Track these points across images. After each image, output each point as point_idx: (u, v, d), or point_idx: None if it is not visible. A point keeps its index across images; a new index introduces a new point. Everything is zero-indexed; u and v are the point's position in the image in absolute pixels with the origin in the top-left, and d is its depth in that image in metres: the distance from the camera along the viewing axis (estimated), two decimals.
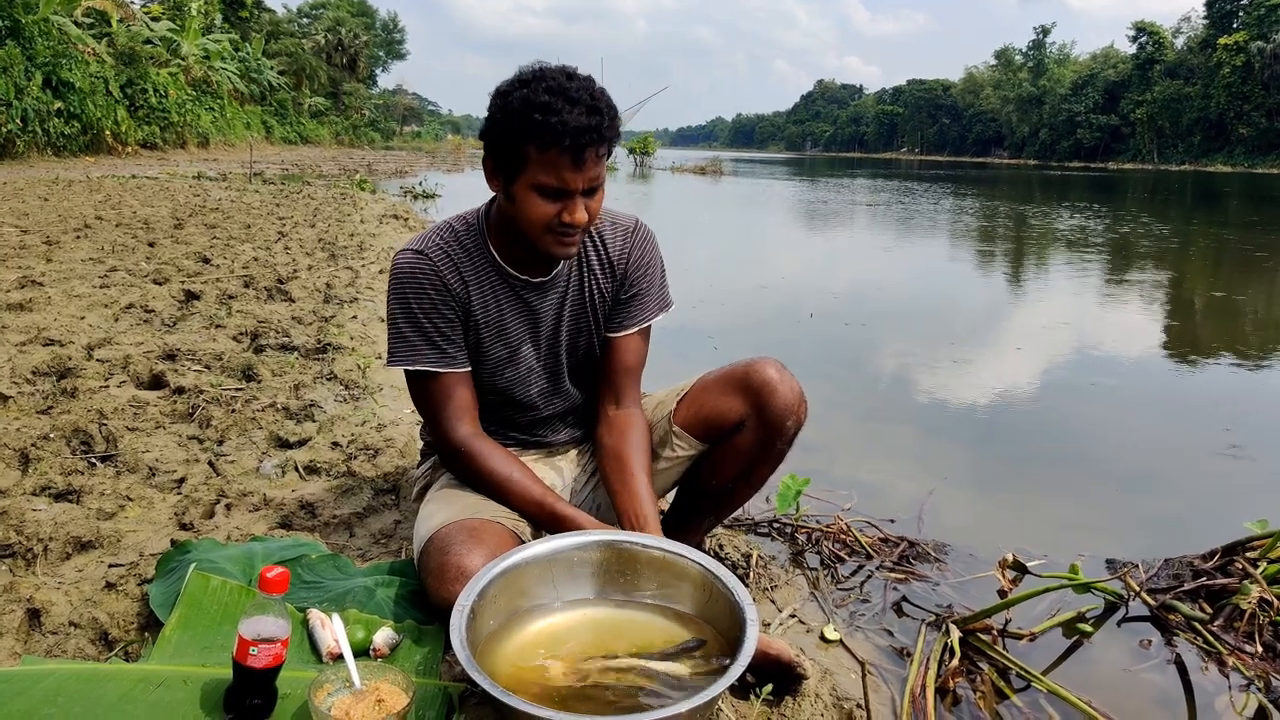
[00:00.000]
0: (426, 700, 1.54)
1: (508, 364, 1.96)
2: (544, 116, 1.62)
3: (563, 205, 1.71)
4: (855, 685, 1.92)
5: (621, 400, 2.00)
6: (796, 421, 1.94)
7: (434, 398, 1.88)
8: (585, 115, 1.64)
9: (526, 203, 1.72)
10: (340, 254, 7.49)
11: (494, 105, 1.71)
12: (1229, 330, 7.03)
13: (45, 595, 1.87)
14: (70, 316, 4.54)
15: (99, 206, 10.22)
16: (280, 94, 48.32)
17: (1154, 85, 78.98)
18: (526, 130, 1.64)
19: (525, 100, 1.64)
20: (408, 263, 1.87)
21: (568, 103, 1.63)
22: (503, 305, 1.91)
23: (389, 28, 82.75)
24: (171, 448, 2.87)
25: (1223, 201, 26.90)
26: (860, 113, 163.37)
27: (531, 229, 1.75)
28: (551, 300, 1.95)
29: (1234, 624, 2.22)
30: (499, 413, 2.04)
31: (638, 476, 1.88)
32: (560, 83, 1.66)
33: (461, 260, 1.88)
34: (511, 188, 1.74)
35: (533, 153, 1.66)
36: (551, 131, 1.62)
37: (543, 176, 1.68)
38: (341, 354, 4.14)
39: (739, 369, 1.95)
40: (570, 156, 1.65)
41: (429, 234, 1.91)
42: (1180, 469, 3.82)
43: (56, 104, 21.23)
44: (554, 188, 1.69)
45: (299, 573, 1.94)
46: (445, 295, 1.85)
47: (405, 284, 1.86)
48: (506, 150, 1.70)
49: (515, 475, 1.87)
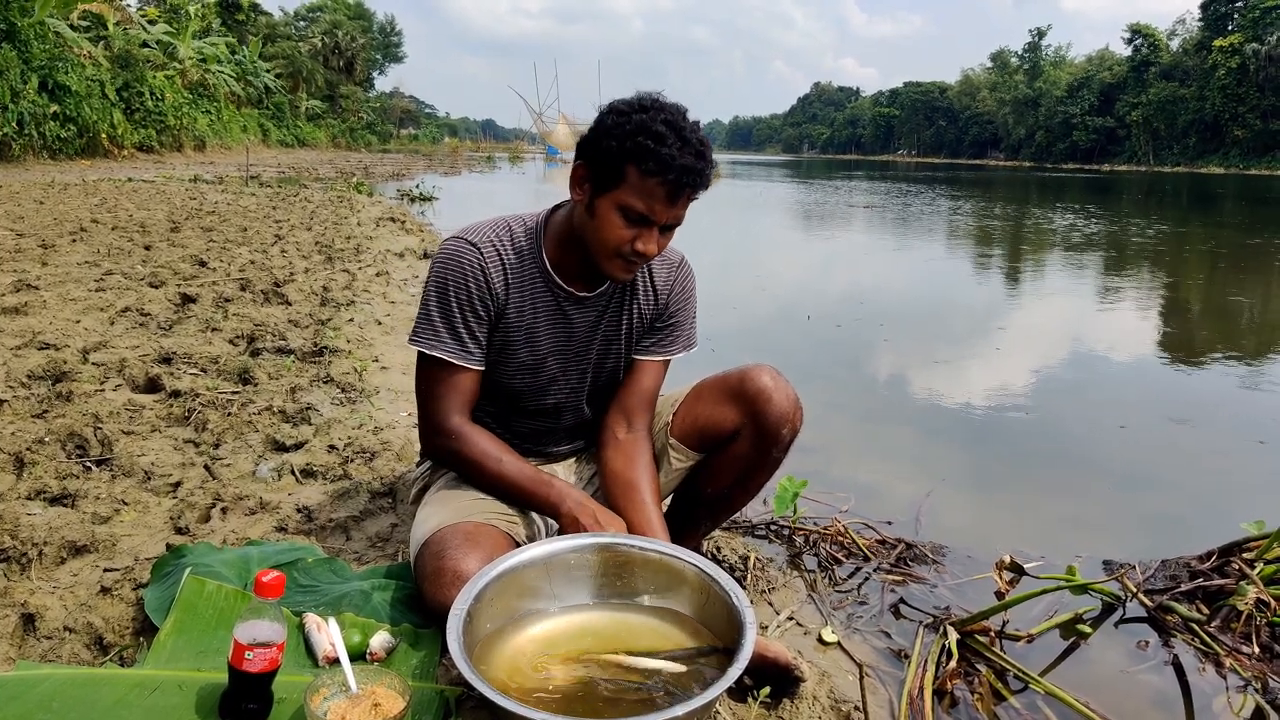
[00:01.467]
0: (423, 704, 1.54)
1: (531, 370, 1.95)
2: (656, 145, 1.66)
3: (639, 233, 1.73)
4: (853, 687, 1.92)
5: (633, 424, 1.99)
6: (792, 429, 1.94)
7: (438, 386, 1.88)
8: (693, 157, 1.68)
9: (607, 220, 1.73)
10: (337, 257, 7.48)
11: (607, 118, 1.72)
12: (1224, 331, 7.04)
13: (40, 600, 1.87)
14: (66, 320, 4.53)
15: (95, 210, 10.20)
16: (277, 97, 48.28)
17: (1149, 87, 79.11)
18: (636, 152, 1.67)
19: (642, 125, 1.67)
20: (457, 250, 1.86)
21: (680, 140, 1.67)
22: (539, 312, 1.91)
23: (386, 31, 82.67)
24: (167, 451, 2.86)
25: (1214, 204, 26.96)
26: (857, 115, 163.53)
27: (603, 247, 1.76)
28: (590, 316, 1.95)
29: (1231, 625, 2.23)
30: (508, 419, 2.04)
31: (649, 504, 1.88)
32: (677, 120, 1.70)
33: (510, 260, 1.88)
34: (597, 200, 1.74)
35: (633, 174, 1.68)
36: (659, 161, 1.66)
37: (634, 200, 1.70)
38: (338, 357, 4.13)
39: (733, 377, 1.95)
40: (667, 190, 1.69)
41: (484, 227, 1.90)
42: (1177, 470, 3.83)
43: (52, 107, 21.19)
44: (639, 214, 1.71)
45: (295, 576, 1.94)
46: (484, 291, 1.85)
47: (448, 270, 1.85)
48: (606, 163, 1.71)
49: (505, 459, 1.87)
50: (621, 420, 1.99)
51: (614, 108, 1.74)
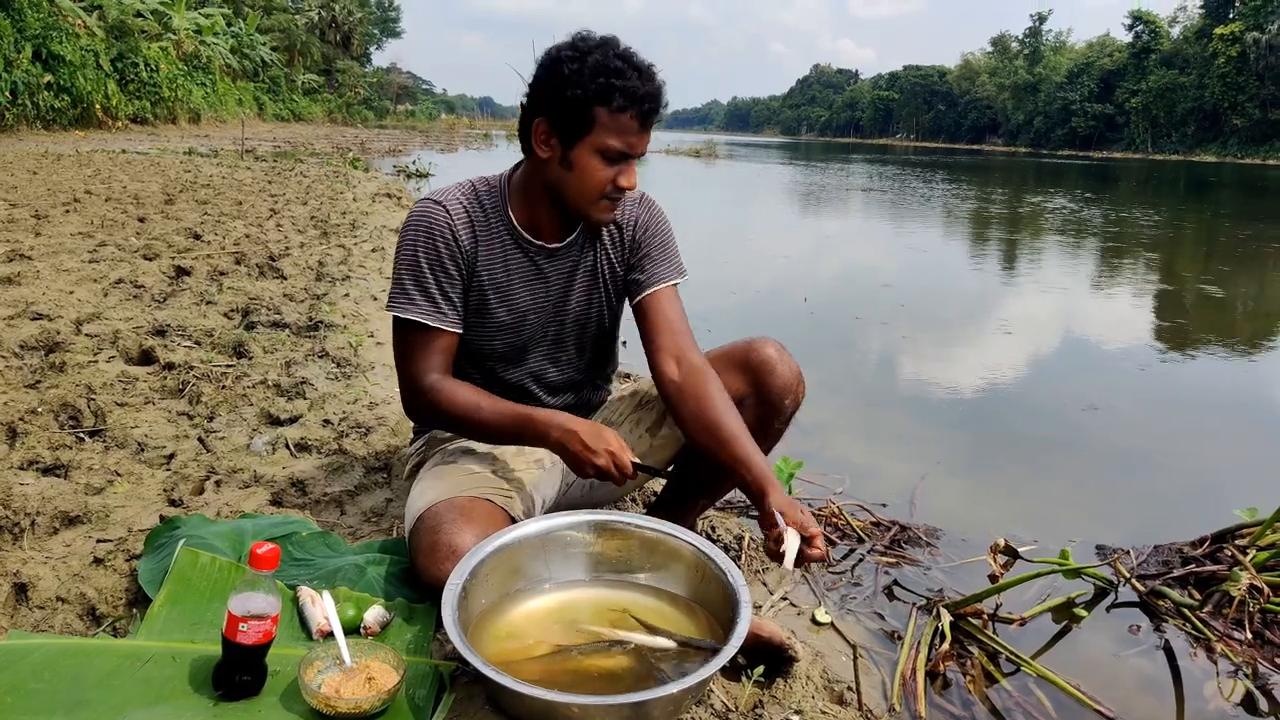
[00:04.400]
0: (417, 678, 1.54)
1: (512, 329, 1.95)
2: (620, 80, 1.67)
3: (619, 170, 1.75)
4: (846, 668, 1.93)
5: (680, 357, 1.88)
6: (794, 401, 1.94)
7: (414, 348, 1.88)
8: (652, 82, 1.72)
9: (588, 167, 1.75)
10: (332, 232, 7.44)
11: (562, 67, 1.70)
12: (1218, 318, 7.05)
13: (32, 570, 1.86)
14: (59, 291, 4.50)
15: (89, 181, 10.13)
16: (273, 70, 47.91)
17: (1149, 74, 78.83)
18: (602, 93, 1.67)
19: (600, 65, 1.68)
20: (424, 211, 1.87)
21: (636, 70, 1.70)
22: (512, 268, 1.91)
23: (384, 5, 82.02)
24: (161, 423, 2.85)
25: (1210, 192, 26.94)
26: (856, 98, 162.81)
27: (587, 194, 1.78)
28: (564, 267, 1.96)
29: (1223, 611, 2.24)
30: (492, 384, 2.02)
31: (741, 442, 1.75)
32: (625, 51, 1.72)
33: (477, 218, 1.88)
34: (571, 152, 1.75)
35: (603, 115, 1.70)
36: (627, 95, 1.68)
37: (610, 139, 1.71)
38: (333, 331, 4.11)
39: (738, 348, 1.95)
40: (639, 121, 1.72)
41: (450, 188, 1.91)
42: (1171, 456, 3.84)
43: (46, 77, 21.01)
44: (618, 151, 1.73)
45: (289, 550, 1.93)
46: (453, 250, 1.85)
47: (417, 232, 1.86)
48: (573, 113, 1.70)
49: (484, 404, 1.85)
50: (667, 359, 1.89)
51: (561, 56, 1.72)
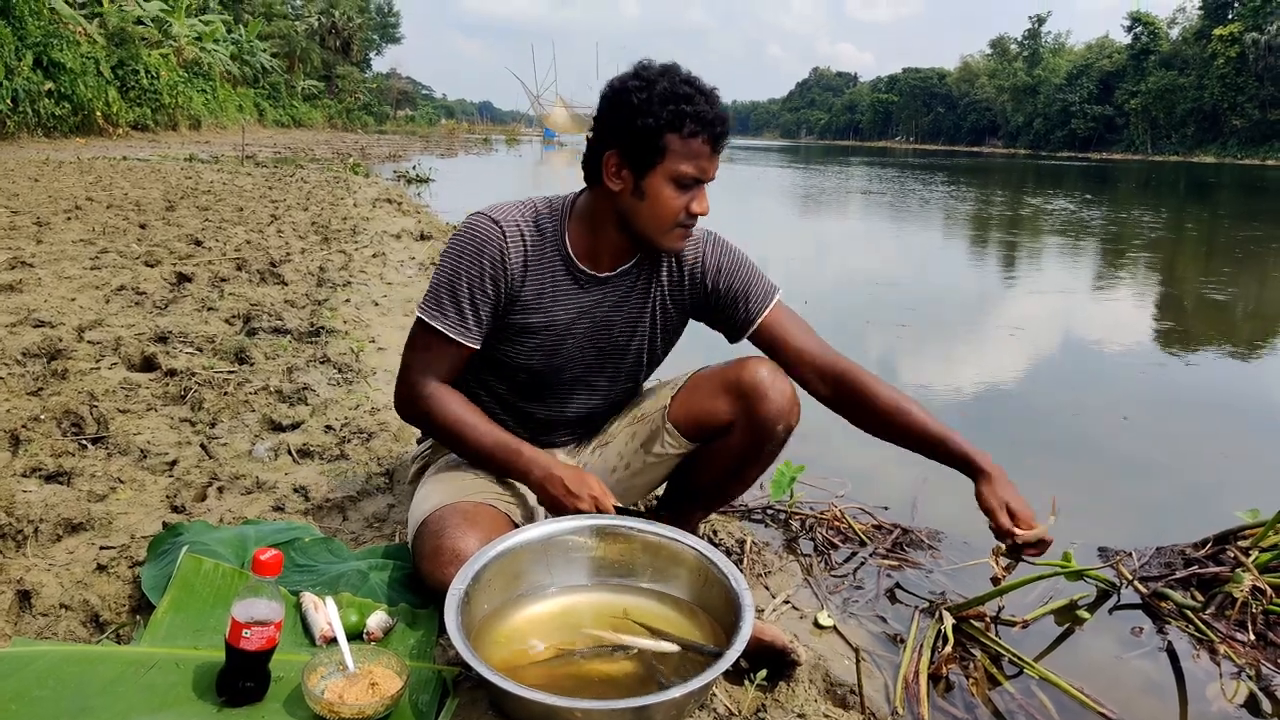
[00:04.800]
0: (420, 684, 1.54)
1: (548, 352, 1.92)
2: (691, 106, 1.66)
3: (692, 196, 1.74)
4: (849, 671, 1.93)
5: (821, 370, 1.94)
6: (787, 426, 1.90)
7: (426, 352, 1.86)
8: (718, 105, 1.71)
9: (661, 195, 1.72)
10: (333, 237, 7.45)
11: (630, 97, 1.69)
12: (1219, 321, 7.04)
13: (36, 577, 1.86)
14: (61, 298, 4.51)
15: (90, 188, 10.14)
16: (273, 76, 48.00)
17: (1148, 76, 78.77)
18: (674, 120, 1.66)
19: (668, 91, 1.67)
20: (478, 225, 1.83)
21: (702, 94, 1.69)
22: (558, 293, 1.87)
23: (383, 11, 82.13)
24: (163, 430, 2.85)
25: (1210, 193, 26.94)
26: (855, 101, 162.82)
27: (661, 222, 1.75)
28: (613, 296, 1.91)
29: (1225, 612, 2.24)
30: (516, 402, 2.00)
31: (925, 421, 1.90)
32: (690, 75, 1.71)
33: (531, 239, 1.84)
34: (644, 181, 1.72)
35: (675, 142, 1.68)
36: (698, 120, 1.67)
37: (684, 166, 1.70)
38: (335, 337, 4.12)
39: (731, 369, 1.91)
40: (711, 145, 1.70)
41: (510, 206, 1.87)
42: (1172, 457, 3.83)
43: (47, 84, 21.05)
44: (691, 177, 1.71)
45: (292, 556, 1.93)
46: (498, 270, 1.81)
47: (466, 245, 1.82)
48: (644, 142, 1.69)
49: (478, 424, 1.85)
50: (809, 378, 1.93)
51: (627, 86, 1.70)
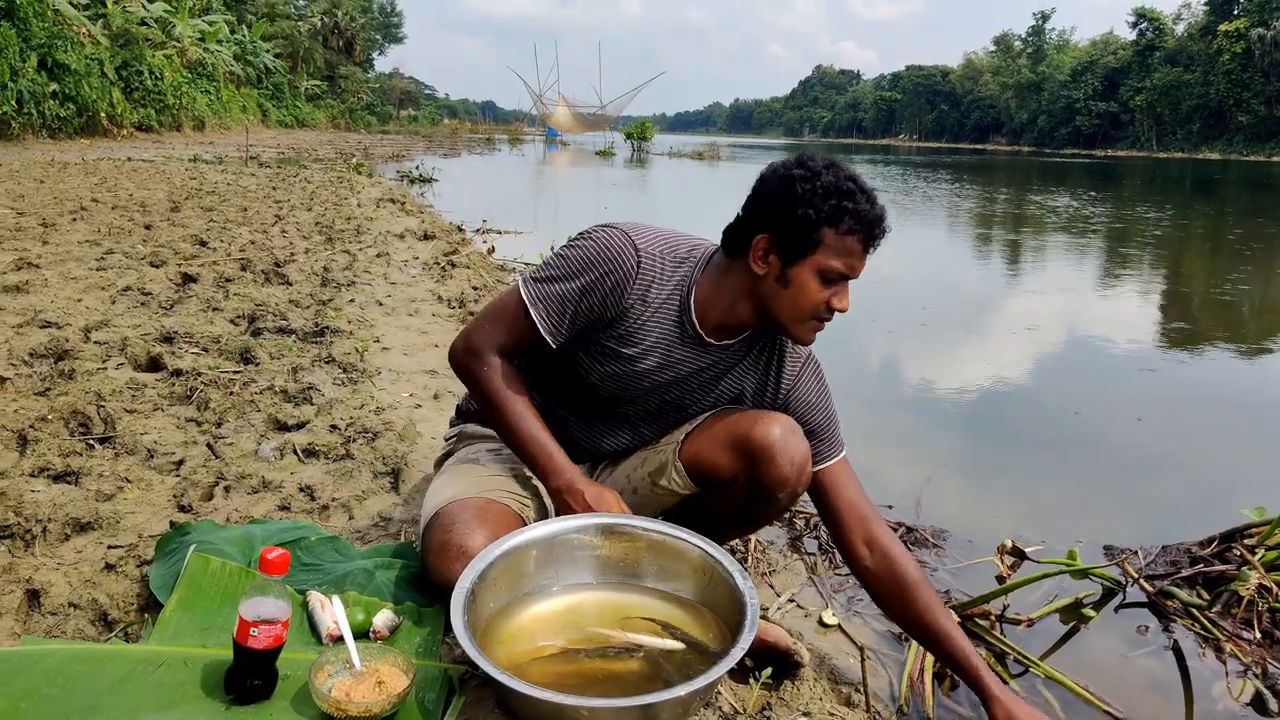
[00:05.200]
0: (427, 682, 1.55)
1: (621, 382, 1.89)
2: (851, 204, 1.63)
3: (834, 292, 1.70)
4: (854, 669, 1.93)
5: (871, 541, 1.81)
6: (790, 495, 1.82)
7: (508, 325, 1.83)
8: (878, 206, 1.67)
9: (805, 287, 1.69)
10: (337, 237, 7.47)
11: (795, 186, 1.65)
12: (1226, 317, 7.03)
13: (44, 576, 1.87)
14: (67, 299, 4.52)
15: (95, 189, 10.17)
16: (276, 77, 48.03)
17: (1153, 72, 78.59)
18: (834, 215, 1.63)
19: (832, 186, 1.64)
20: (617, 246, 1.77)
21: (865, 194, 1.66)
22: (660, 339, 1.83)
23: (386, 11, 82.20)
24: (170, 430, 2.86)
25: (1216, 189, 26.87)
26: (858, 99, 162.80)
27: (797, 312, 1.72)
28: (701, 362, 1.87)
29: (1232, 610, 2.23)
30: (565, 412, 1.97)
31: (955, 641, 1.72)
32: (853, 173, 1.68)
33: (663, 279, 1.80)
34: (791, 269, 1.69)
35: (830, 237, 1.65)
36: (858, 219, 1.64)
37: (833, 261, 1.67)
38: (339, 337, 4.13)
39: (745, 421, 1.83)
40: (864, 245, 1.68)
41: (654, 237, 1.82)
42: (1178, 455, 3.83)
43: (52, 86, 21.09)
44: (839, 273, 1.68)
45: (298, 555, 1.94)
46: (615, 299, 1.78)
47: (597, 259, 1.77)
48: (800, 232, 1.66)
49: (522, 409, 1.83)
50: (857, 543, 1.82)
51: (792, 175, 1.67)
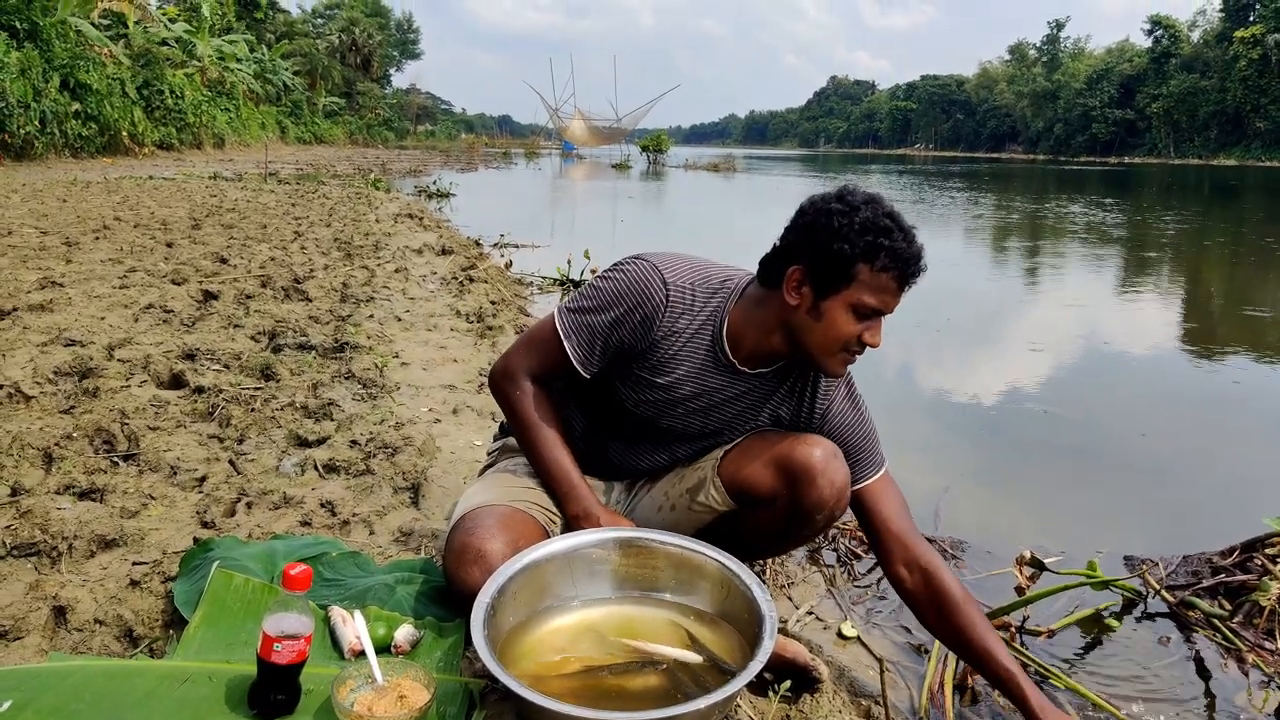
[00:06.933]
0: (448, 696, 1.56)
1: (655, 408, 1.90)
2: (888, 241, 1.63)
3: (867, 326, 1.70)
4: (873, 682, 1.93)
5: (910, 561, 1.80)
6: (828, 517, 1.81)
7: (542, 354, 1.87)
8: (915, 244, 1.67)
9: (837, 320, 1.69)
10: (356, 253, 7.52)
11: (832, 220, 1.66)
12: (1244, 327, 6.98)
13: (71, 593, 1.90)
14: (91, 317, 4.58)
15: (117, 207, 10.29)
16: (295, 94, 48.49)
17: (1170, 79, 78.14)
18: (869, 251, 1.64)
19: (869, 222, 1.64)
20: (645, 279, 1.80)
21: (902, 231, 1.66)
22: (692, 367, 1.85)
23: (403, 27, 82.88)
24: (192, 446, 2.89)
25: (1237, 196, 26.67)
26: (874, 109, 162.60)
27: (830, 346, 1.72)
28: (737, 389, 1.88)
29: (1253, 620, 2.22)
30: (599, 432, 1.99)
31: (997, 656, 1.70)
32: (892, 210, 1.68)
33: (694, 310, 1.82)
34: (823, 303, 1.69)
35: (864, 273, 1.65)
36: (894, 256, 1.64)
37: (866, 296, 1.67)
38: (359, 353, 4.16)
39: (786, 443, 1.83)
40: (898, 282, 1.67)
41: (684, 268, 1.83)
42: (1198, 465, 3.81)
43: (74, 105, 21.35)
44: (872, 309, 1.68)
45: (320, 570, 1.96)
46: (646, 330, 1.80)
47: (626, 289, 1.79)
48: (834, 266, 1.66)
49: (551, 435, 1.86)
50: (896, 564, 1.82)
51: (830, 208, 1.68)
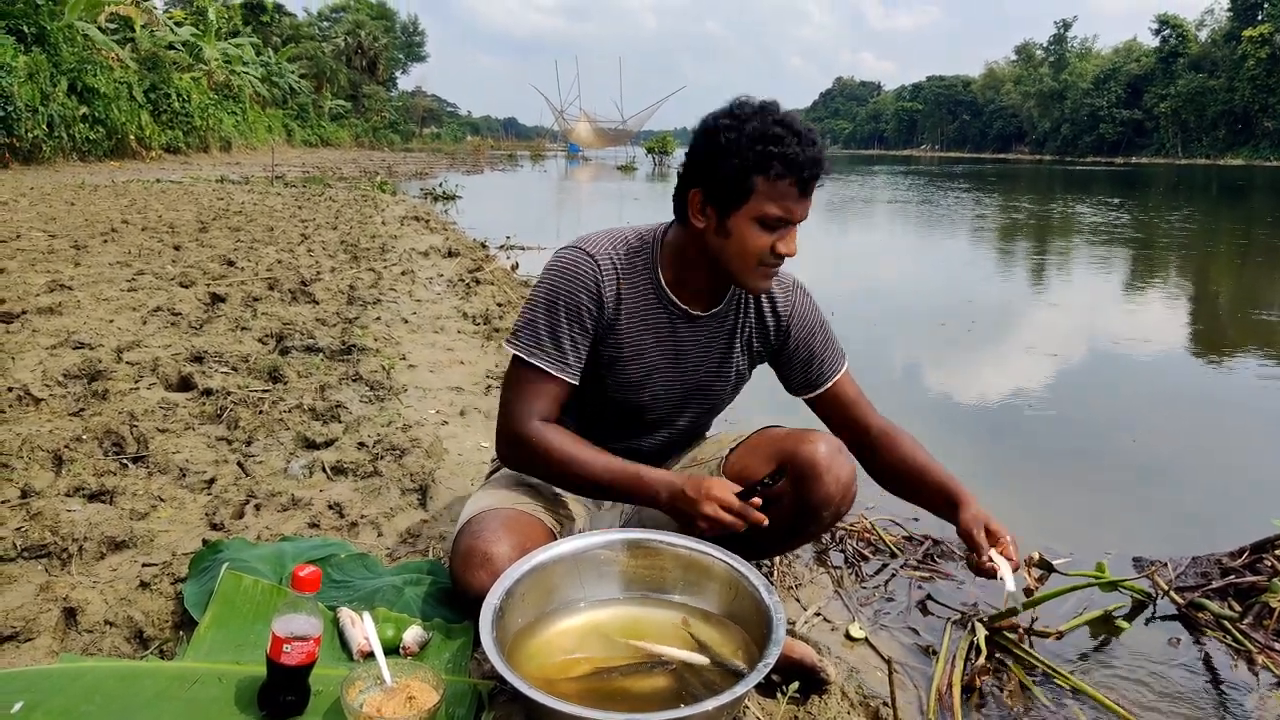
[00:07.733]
0: (456, 697, 1.56)
1: (634, 387, 1.91)
2: (779, 148, 1.63)
3: (778, 236, 1.71)
4: (881, 683, 1.93)
5: (867, 431, 1.99)
6: (834, 513, 1.82)
7: (528, 390, 1.82)
8: (812, 148, 1.66)
9: (745, 235, 1.71)
10: (362, 256, 7.54)
11: (719, 137, 1.68)
12: (1255, 327, 6.95)
13: (81, 594, 1.91)
14: (99, 320, 4.60)
15: (125, 210, 10.33)
16: (301, 97, 48.62)
17: (1177, 79, 77.90)
18: (761, 161, 1.64)
19: (758, 132, 1.64)
20: (572, 260, 1.81)
21: (795, 135, 1.65)
22: (649, 329, 1.86)
23: (409, 30, 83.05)
24: (201, 449, 2.90)
25: (1246, 196, 26.58)
26: (880, 110, 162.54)
27: (743, 261, 1.74)
28: (701, 335, 1.90)
29: (1263, 622, 2.21)
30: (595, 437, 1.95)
31: (933, 470, 1.95)
32: (785, 116, 1.68)
33: (625, 273, 1.83)
34: (728, 220, 1.71)
35: (761, 184, 1.66)
36: (786, 162, 1.64)
37: (769, 207, 1.68)
38: (366, 355, 4.17)
39: (791, 440, 1.84)
40: (799, 188, 1.67)
41: (601, 238, 1.86)
42: (1207, 466, 3.79)
43: (81, 109, 21.45)
44: (777, 218, 1.69)
45: (328, 572, 1.96)
46: (594, 303, 1.80)
47: (562, 279, 1.80)
48: (730, 183, 1.68)
49: (588, 457, 1.80)
50: (859, 436, 1.99)
51: (718, 125, 1.69)
